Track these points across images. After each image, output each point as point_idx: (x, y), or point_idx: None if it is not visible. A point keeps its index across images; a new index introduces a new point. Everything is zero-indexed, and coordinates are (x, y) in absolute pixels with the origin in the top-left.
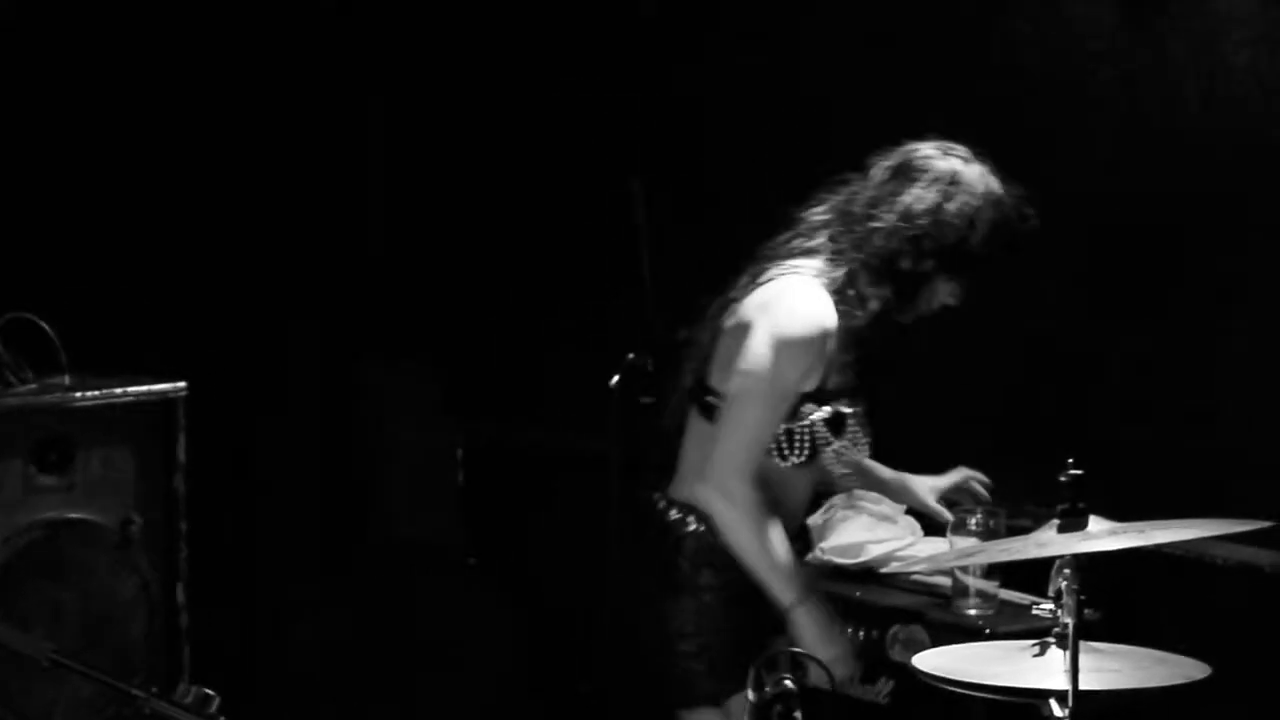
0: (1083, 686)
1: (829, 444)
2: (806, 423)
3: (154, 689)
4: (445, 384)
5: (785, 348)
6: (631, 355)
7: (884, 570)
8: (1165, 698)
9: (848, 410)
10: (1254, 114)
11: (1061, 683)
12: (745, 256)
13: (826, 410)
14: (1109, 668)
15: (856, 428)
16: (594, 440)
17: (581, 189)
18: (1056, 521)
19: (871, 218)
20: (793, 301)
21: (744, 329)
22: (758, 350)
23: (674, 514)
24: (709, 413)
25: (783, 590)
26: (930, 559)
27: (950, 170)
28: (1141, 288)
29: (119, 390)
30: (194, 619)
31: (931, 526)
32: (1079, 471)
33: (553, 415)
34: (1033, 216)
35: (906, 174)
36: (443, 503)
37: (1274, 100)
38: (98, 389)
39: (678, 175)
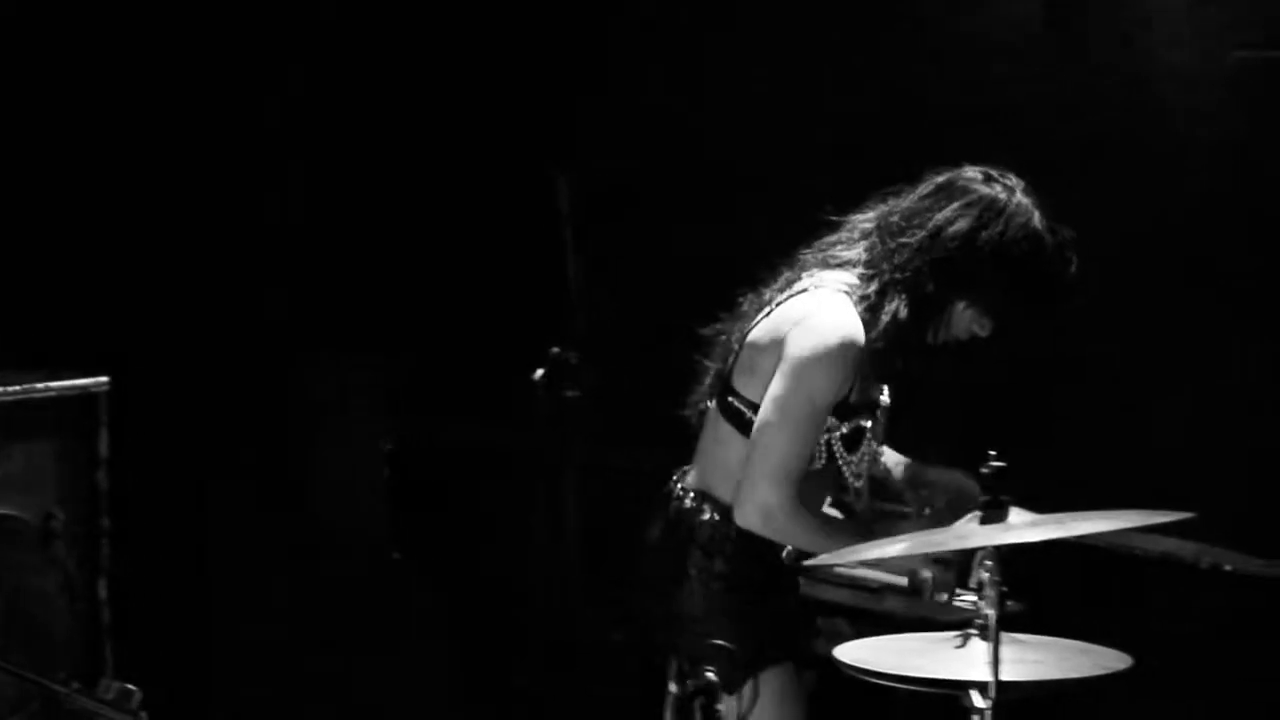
0: (1004, 677)
1: (843, 458)
2: (824, 437)
3: (76, 684)
4: (372, 379)
5: (817, 372)
6: (556, 349)
7: (808, 562)
8: (1087, 688)
9: (866, 424)
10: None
11: (983, 674)
12: (670, 252)
13: (845, 426)
14: (1031, 659)
15: (870, 440)
16: (520, 433)
17: (507, 184)
18: (977, 513)
19: (905, 232)
20: (825, 321)
21: (777, 345)
22: (790, 377)
23: (689, 501)
24: (732, 417)
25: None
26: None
27: (991, 197)
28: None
29: (41, 385)
30: (116, 614)
31: None
32: (1000, 463)
33: (479, 409)
34: (1074, 264)
35: (948, 192)
36: (369, 497)
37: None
38: (19, 384)
39: (604, 169)
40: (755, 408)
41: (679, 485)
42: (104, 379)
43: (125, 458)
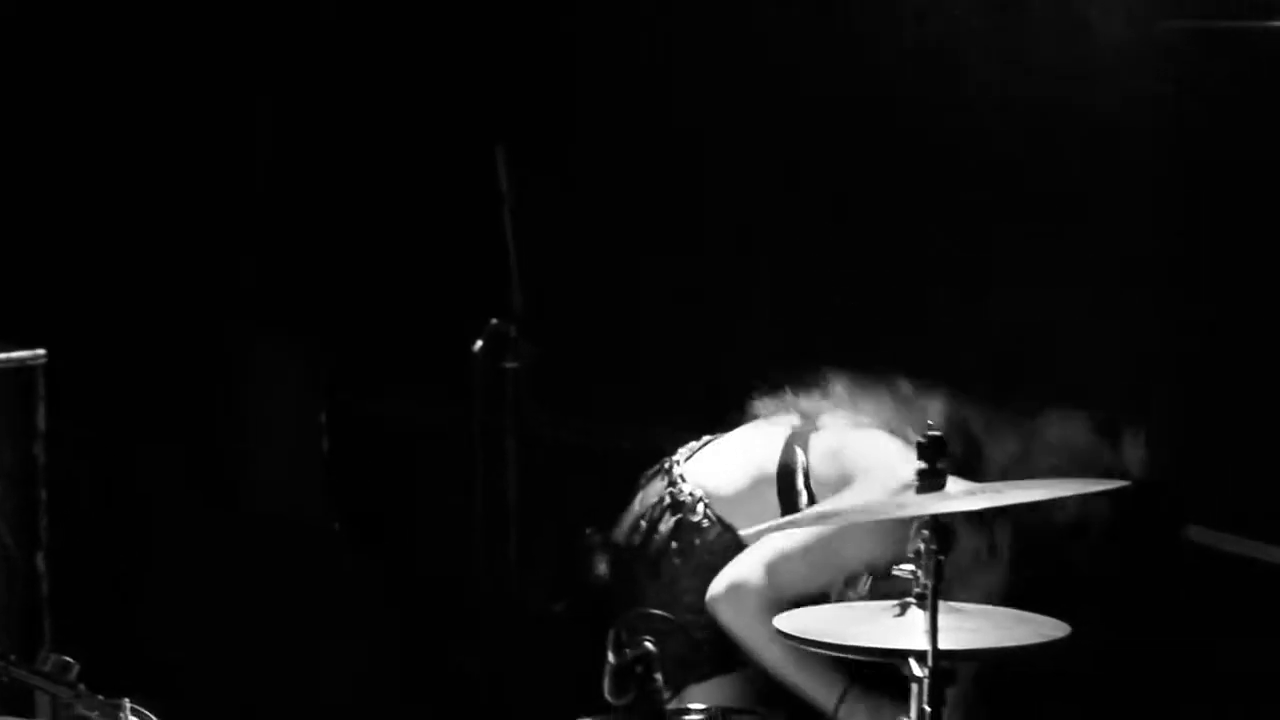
0: (942, 646)
1: None
2: None
3: (13, 657)
4: (309, 352)
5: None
6: (495, 321)
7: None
8: (1025, 656)
9: None
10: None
11: (922, 643)
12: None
13: None
14: (969, 627)
15: None
16: (458, 406)
17: (446, 155)
18: (914, 482)
19: None
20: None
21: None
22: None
23: (687, 494)
24: (784, 490)
25: (816, 690)
26: (787, 522)
27: None
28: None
29: None
30: (55, 588)
31: None
32: (937, 431)
33: (417, 381)
34: None
35: None
36: (308, 470)
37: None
38: None
39: (544, 141)
40: (811, 500)
41: (679, 473)
42: (41, 351)
43: (60, 430)
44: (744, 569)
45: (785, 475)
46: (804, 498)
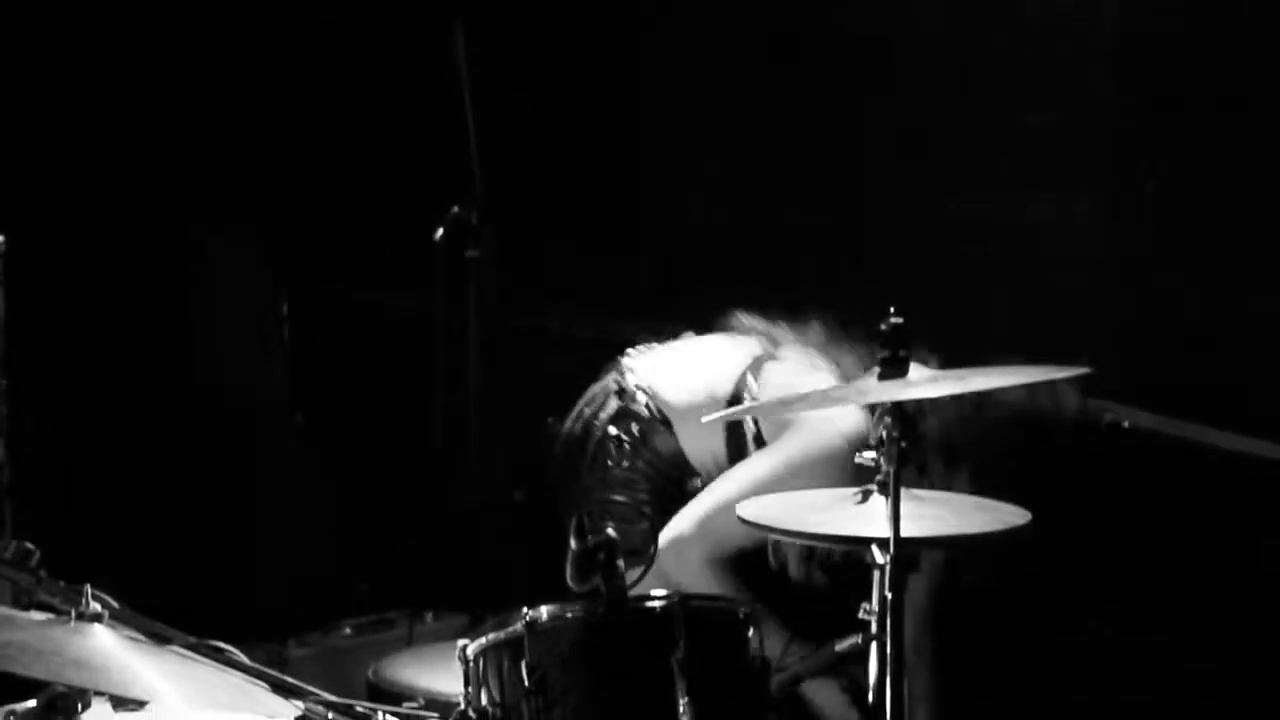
0: (904, 533)
1: None
2: None
3: None
4: (267, 239)
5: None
6: (456, 208)
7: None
8: (986, 543)
9: None
10: None
11: (884, 530)
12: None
13: None
14: (930, 514)
15: None
16: (420, 293)
17: (404, 36)
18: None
19: None
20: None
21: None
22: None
23: (632, 385)
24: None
25: None
26: (752, 408)
27: None
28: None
29: None
30: (16, 476)
31: None
32: (899, 319)
33: (378, 269)
34: None
35: None
36: (270, 360)
37: None
38: None
39: (506, 18)
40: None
41: (629, 364)
42: (0, 238)
43: (17, 317)
44: (685, 523)
45: (735, 404)
46: (750, 431)
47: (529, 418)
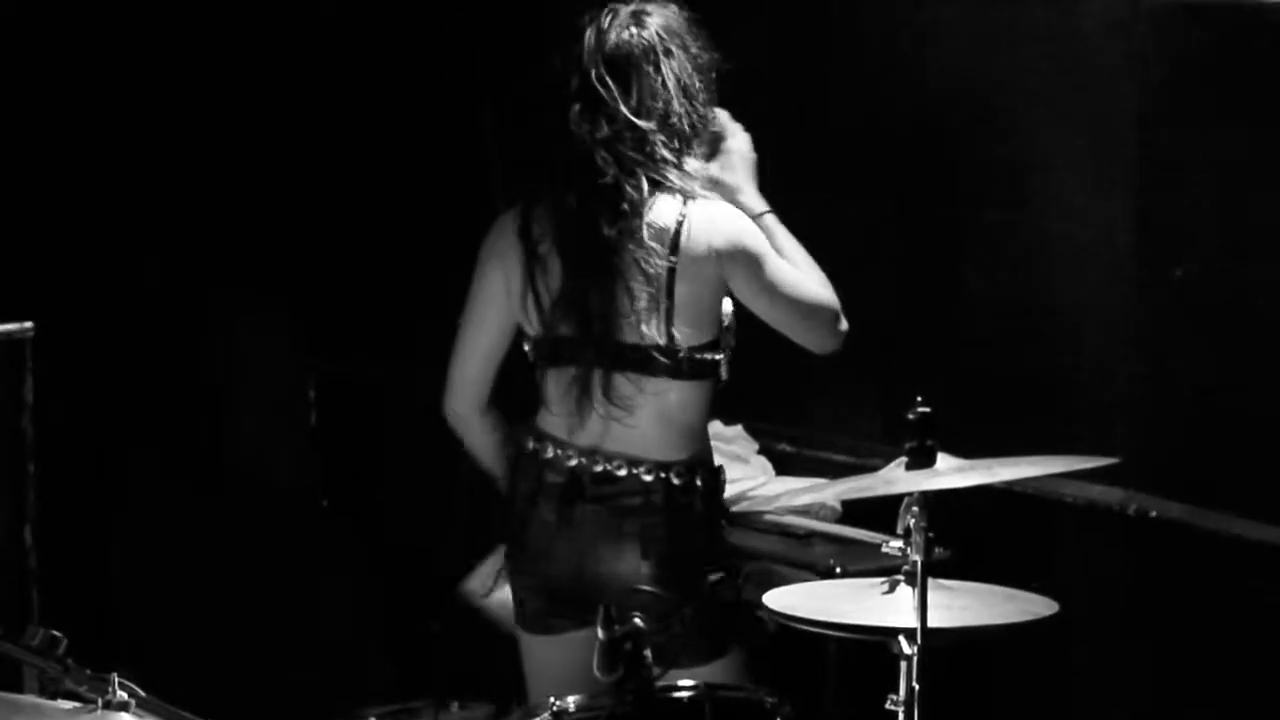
0: (931, 624)
1: None
2: None
3: (1, 631)
4: (296, 321)
5: None
6: None
7: (735, 509)
8: (1014, 634)
9: None
10: None
11: (910, 620)
12: None
13: None
14: (958, 605)
15: None
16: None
17: (433, 117)
18: (904, 459)
19: None
20: None
21: None
22: None
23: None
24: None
25: None
26: (779, 497)
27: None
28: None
29: None
30: (43, 562)
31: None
32: (927, 409)
33: (406, 351)
34: None
35: None
36: (296, 443)
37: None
38: None
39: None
40: None
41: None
42: (29, 324)
43: (45, 403)
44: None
45: None
46: None
47: None
